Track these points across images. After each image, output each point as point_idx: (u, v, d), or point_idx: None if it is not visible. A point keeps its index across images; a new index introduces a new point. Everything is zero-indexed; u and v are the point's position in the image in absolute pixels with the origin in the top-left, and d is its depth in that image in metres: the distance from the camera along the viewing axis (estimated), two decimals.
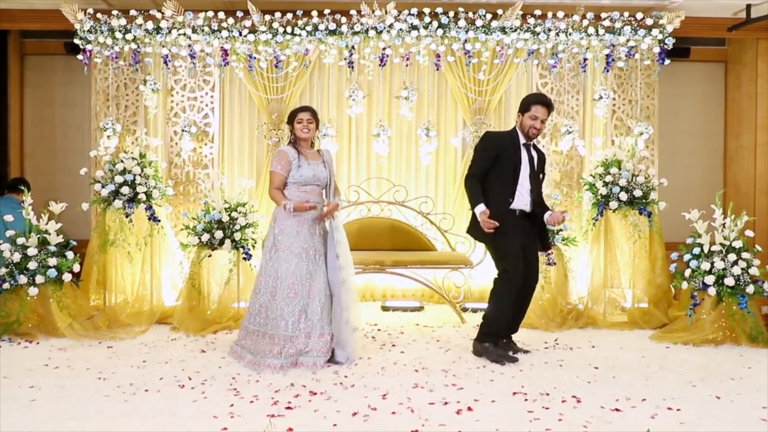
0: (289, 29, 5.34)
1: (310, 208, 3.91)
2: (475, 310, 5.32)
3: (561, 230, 5.14)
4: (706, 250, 4.63)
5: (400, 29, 5.30)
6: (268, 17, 5.34)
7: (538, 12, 5.40)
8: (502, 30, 5.35)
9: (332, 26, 5.31)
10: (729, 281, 4.44)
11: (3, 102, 6.15)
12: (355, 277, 4.22)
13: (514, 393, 3.40)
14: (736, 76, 6.36)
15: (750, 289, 4.45)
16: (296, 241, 3.95)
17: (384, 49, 5.37)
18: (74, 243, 4.87)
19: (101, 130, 5.37)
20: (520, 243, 4.09)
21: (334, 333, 3.93)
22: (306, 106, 4.22)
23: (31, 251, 4.61)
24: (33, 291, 4.55)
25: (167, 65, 5.44)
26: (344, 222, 5.67)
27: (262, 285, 4.00)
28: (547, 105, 4.07)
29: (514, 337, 4.33)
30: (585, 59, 5.47)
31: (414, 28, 5.31)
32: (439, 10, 5.35)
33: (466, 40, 5.38)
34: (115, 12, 5.33)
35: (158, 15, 5.33)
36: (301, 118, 4.07)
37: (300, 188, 4.04)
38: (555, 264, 5.04)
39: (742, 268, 4.50)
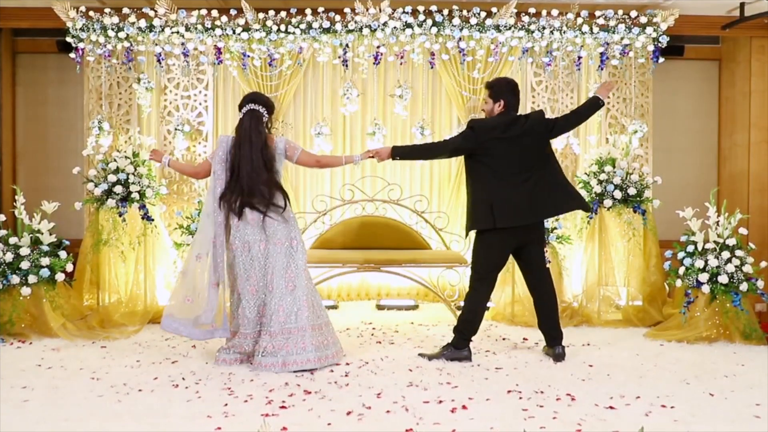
0: (282, 27, 5.32)
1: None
2: None
3: (555, 228, 5.14)
4: (700, 248, 4.64)
5: (395, 27, 5.28)
6: (261, 15, 5.32)
7: (532, 10, 5.40)
8: (497, 28, 5.34)
9: (326, 24, 5.29)
10: (723, 279, 4.46)
11: None
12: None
13: (509, 391, 3.40)
14: (730, 74, 6.37)
15: (743, 286, 4.47)
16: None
17: (378, 47, 5.36)
18: (67, 242, 4.84)
19: (91, 128, 5.34)
20: None
21: None
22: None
23: (24, 251, 4.58)
24: (26, 291, 4.53)
25: (160, 64, 5.41)
26: (339, 220, 5.70)
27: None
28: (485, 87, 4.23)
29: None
30: (579, 57, 5.47)
31: (408, 26, 5.30)
32: (434, 8, 5.33)
33: (460, 38, 5.37)
34: (107, 10, 5.29)
35: (151, 13, 5.30)
36: None
37: None
38: (549, 262, 5.03)
39: (736, 266, 4.51)
